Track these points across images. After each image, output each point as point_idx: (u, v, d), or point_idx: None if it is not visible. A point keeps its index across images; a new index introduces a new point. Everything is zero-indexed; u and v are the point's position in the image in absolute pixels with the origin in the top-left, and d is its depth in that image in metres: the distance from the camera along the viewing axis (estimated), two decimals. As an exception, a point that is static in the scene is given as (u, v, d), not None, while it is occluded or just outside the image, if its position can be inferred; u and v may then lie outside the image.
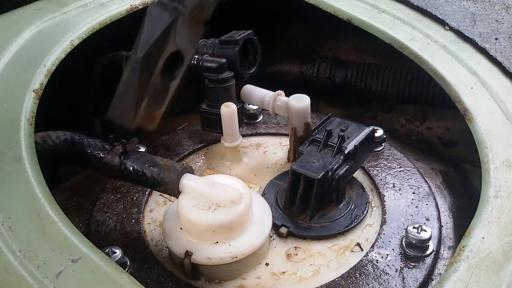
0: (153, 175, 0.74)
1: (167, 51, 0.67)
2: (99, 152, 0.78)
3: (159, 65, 0.67)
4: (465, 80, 0.89)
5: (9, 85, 0.82)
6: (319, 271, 0.76)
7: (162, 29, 0.65)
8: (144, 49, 0.66)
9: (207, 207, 0.72)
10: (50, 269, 0.60)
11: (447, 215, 0.86)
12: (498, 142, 0.79)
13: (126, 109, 0.68)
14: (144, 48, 0.66)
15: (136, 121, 0.69)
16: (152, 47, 0.66)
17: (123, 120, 0.69)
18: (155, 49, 0.66)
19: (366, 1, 1.08)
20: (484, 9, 1.05)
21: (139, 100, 0.68)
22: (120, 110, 0.69)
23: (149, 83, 0.68)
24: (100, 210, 0.87)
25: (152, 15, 0.66)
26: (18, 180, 0.69)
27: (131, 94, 0.67)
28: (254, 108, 1.07)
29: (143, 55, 0.66)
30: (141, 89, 0.67)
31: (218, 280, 0.74)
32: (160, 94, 0.71)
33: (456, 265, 0.63)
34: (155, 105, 0.71)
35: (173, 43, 0.68)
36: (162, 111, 0.73)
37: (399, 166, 0.94)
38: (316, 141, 0.85)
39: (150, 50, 0.66)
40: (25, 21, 0.96)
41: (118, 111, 0.69)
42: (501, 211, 0.69)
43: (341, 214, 0.83)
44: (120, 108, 0.69)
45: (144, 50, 0.66)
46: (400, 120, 1.23)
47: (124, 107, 0.68)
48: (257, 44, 0.98)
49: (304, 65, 1.30)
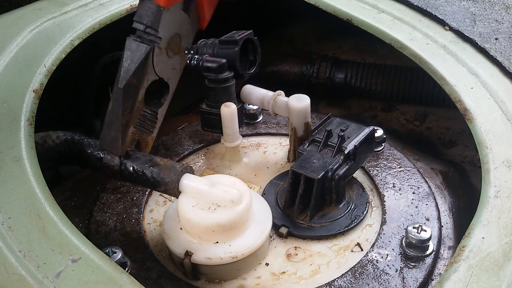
0: (153, 175, 0.74)
1: (147, 80, 0.72)
2: (99, 152, 0.78)
3: (140, 94, 0.72)
4: (465, 80, 0.89)
5: (9, 85, 0.82)
6: (319, 271, 0.76)
7: (139, 60, 0.70)
8: (124, 80, 0.71)
9: (207, 207, 0.72)
10: (50, 269, 0.60)
11: (447, 215, 0.86)
12: (498, 142, 0.79)
13: (113, 137, 0.74)
14: (124, 79, 0.71)
15: (123, 147, 0.74)
16: (131, 78, 0.70)
17: (111, 147, 0.74)
18: (134, 80, 0.71)
19: (366, 1, 1.08)
20: (484, 9, 1.05)
21: (125, 127, 0.73)
22: (108, 138, 0.74)
23: (132, 111, 0.73)
24: (100, 210, 0.87)
25: (129, 48, 0.70)
26: (18, 180, 0.69)
27: (116, 123, 0.73)
28: (254, 108, 1.07)
29: (123, 86, 0.70)
30: (125, 117, 0.72)
31: (218, 280, 0.74)
32: (149, 121, 0.77)
33: (456, 265, 0.63)
34: (147, 131, 0.77)
35: (152, 73, 0.72)
36: (154, 135, 0.79)
37: (399, 166, 0.94)
38: (316, 141, 0.85)
39: (129, 81, 0.71)
40: (25, 21, 0.96)
41: (107, 139, 0.74)
42: (501, 211, 0.69)
43: (341, 214, 0.83)
44: (108, 136, 0.74)
45: (124, 81, 0.71)
46: (400, 120, 1.23)
47: (111, 135, 0.74)
48: (257, 44, 0.98)
49: (304, 65, 1.30)
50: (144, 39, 0.70)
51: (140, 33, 0.70)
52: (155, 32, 0.70)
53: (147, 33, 0.70)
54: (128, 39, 0.71)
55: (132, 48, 0.70)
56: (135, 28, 0.71)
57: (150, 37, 0.70)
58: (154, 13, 0.69)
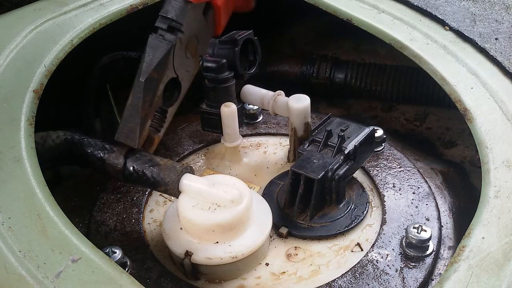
0: (153, 175, 0.74)
1: (166, 76, 0.77)
2: (99, 152, 0.78)
3: (160, 88, 0.76)
4: (465, 80, 0.89)
5: (9, 85, 0.82)
6: (319, 271, 0.76)
7: (161, 56, 0.75)
8: (145, 74, 0.74)
9: (207, 207, 0.72)
10: (50, 269, 0.60)
11: (447, 215, 0.86)
12: (498, 142, 0.79)
13: (131, 129, 0.75)
14: (146, 73, 0.74)
15: (141, 140, 0.76)
16: (152, 72, 0.74)
17: (128, 139, 0.76)
18: (156, 74, 0.75)
19: (366, 1, 1.08)
20: (484, 9, 1.05)
21: (144, 120, 0.76)
22: (126, 130, 0.76)
23: (151, 105, 0.76)
24: (100, 210, 0.87)
25: (151, 45, 0.75)
26: (18, 180, 0.69)
27: (135, 116, 0.75)
28: (254, 108, 1.07)
29: (145, 79, 0.74)
30: (144, 111, 0.75)
31: (218, 280, 0.74)
32: (159, 120, 0.80)
33: (456, 265, 0.63)
34: (154, 129, 0.80)
35: (172, 69, 0.77)
36: (161, 135, 0.81)
37: (399, 166, 0.94)
38: (316, 141, 0.85)
39: (151, 75, 0.74)
40: (25, 21, 0.96)
41: (125, 131, 0.76)
42: (501, 211, 0.69)
43: (341, 214, 0.83)
44: (127, 128, 0.76)
45: (145, 74, 0.74)
46: (400, 120, 1.23)
47: (129, 127, 0.76)
48: (257, 44, 0.98)
49: (304, 65, 1.30)
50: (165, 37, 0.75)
51: (162, 32, 0.76)
52: (179, 26, 0.76)
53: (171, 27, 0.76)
54: (150, 36, 0.75)
55: (154, 45, 0.75)
56: (157, 27, 0.76)
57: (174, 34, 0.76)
58: (180, 8, 0.76)
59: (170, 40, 0.76)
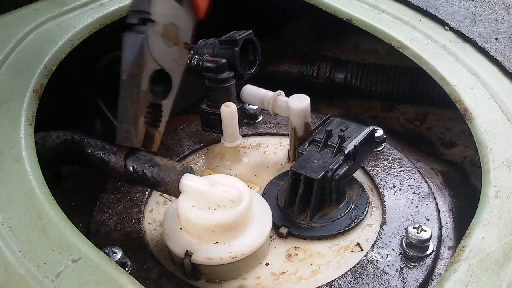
0: (153, 175, 0.74)
1: (148, 69, 0.75)
2: (99, 152, 0.78)
3: (143, 83, 0.74)
4: (465, 80, 0.89)
5: (9, 85, 0.82)
6: (319, 271, 0.76)
7: (137, 50, 0.73)
8: (125, 71, 0.74)
9: (207, 207, 0.72)
10: (50, 269, 0.60)
11: (447, 215, 0.86)
12: (498, 142, 0.79)
13: (127, 130, 0.75)
14: (125, 71, 0.74)
15: (139, 138, 0.75)
16: (131, 68, 0.74)
17: (126, 140, 0.76)
18: (135, 70, 0.74)
19: (366, 1, 1.08)
20: (484, 9, 1.05)
21: (135, 118, 0.75)
22: (122, 132, 0.75)
23: (139, 101, 0.75)
24: (100, 210, 0.87)
25: (126, 42, 0.74)
26: (18, 180, 0.69)
27: (127, 115, 0.75)
28: (254, 108, 1.07)
29: (126, 77, 0.73)
30: (133, 108, 0.74)
31: (218, 280, 0.74)
32: (154, 114, 0.78)
33: (456, 265, 0.63)
34: (152, 125, 0.78)
35: (151, 61, 0.75)
36: (162, 131, 0.80)
37: (399, 166, 0.94)
38: (316, 141, 0.85)
39: (130, 72, 0.74)
40: (25, 21, 0.96)
41: (122, 133, 0.76)
42: (501, 211, 0.69)
43: (341, 214, 0.83)
44: (122, 130, 0.75)
45: (125, 72, 0.74)
46: (400, 120, 1.23)
47: (124, 129, 0.75)
48: (257, 44, 0.98)
49: (304, 65, 1.30)
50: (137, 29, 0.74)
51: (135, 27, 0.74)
52: (148, 15, 0.74)
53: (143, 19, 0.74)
54: (124, 35, 0.74)
55: (129, 41, 0.74)
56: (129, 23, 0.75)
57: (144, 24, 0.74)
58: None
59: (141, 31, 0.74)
